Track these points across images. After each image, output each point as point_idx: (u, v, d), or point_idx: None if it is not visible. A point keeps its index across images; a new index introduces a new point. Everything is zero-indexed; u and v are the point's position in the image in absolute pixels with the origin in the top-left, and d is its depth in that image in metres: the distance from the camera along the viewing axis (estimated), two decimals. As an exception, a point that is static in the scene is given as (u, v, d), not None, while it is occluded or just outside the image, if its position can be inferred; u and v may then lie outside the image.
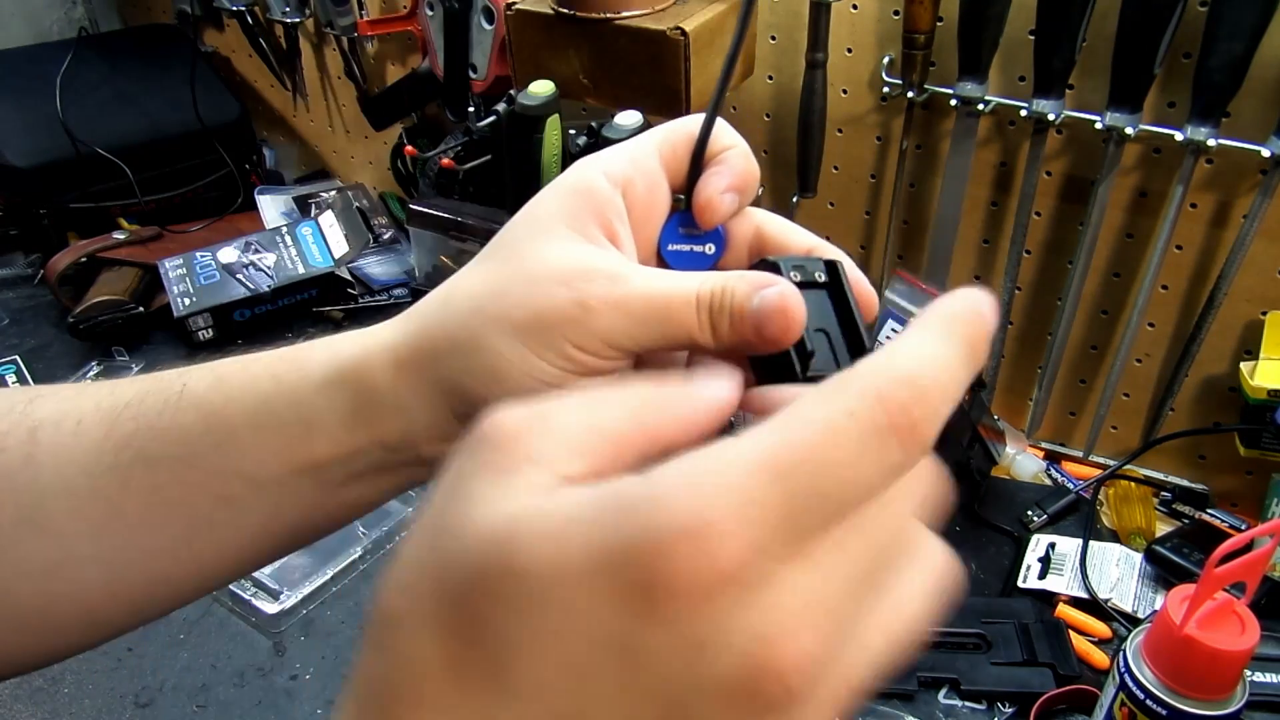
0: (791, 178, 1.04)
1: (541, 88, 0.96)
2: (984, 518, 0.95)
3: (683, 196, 0.34)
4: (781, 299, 0.28)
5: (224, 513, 0.33)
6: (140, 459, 0.33)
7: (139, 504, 0.33)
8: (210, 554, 0.34)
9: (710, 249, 0.35)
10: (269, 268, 1.25)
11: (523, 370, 0.29)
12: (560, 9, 0.92)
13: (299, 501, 0.34)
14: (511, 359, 0.29)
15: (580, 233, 0.31)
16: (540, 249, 0.31)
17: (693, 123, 0.33)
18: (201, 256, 1.25)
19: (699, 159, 0.33)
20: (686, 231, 0.35)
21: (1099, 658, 0.80)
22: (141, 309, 1.23)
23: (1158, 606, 0.80)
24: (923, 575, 0.23)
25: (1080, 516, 0.95)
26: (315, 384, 0.33)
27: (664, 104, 0.93)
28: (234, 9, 1.40)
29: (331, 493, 0.34)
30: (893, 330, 1.00)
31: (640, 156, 0.33)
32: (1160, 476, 0.98)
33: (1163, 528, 0.92)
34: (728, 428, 0.25)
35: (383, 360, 0.32)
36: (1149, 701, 0.60)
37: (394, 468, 0.33)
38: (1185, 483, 0.97)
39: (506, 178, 1.05)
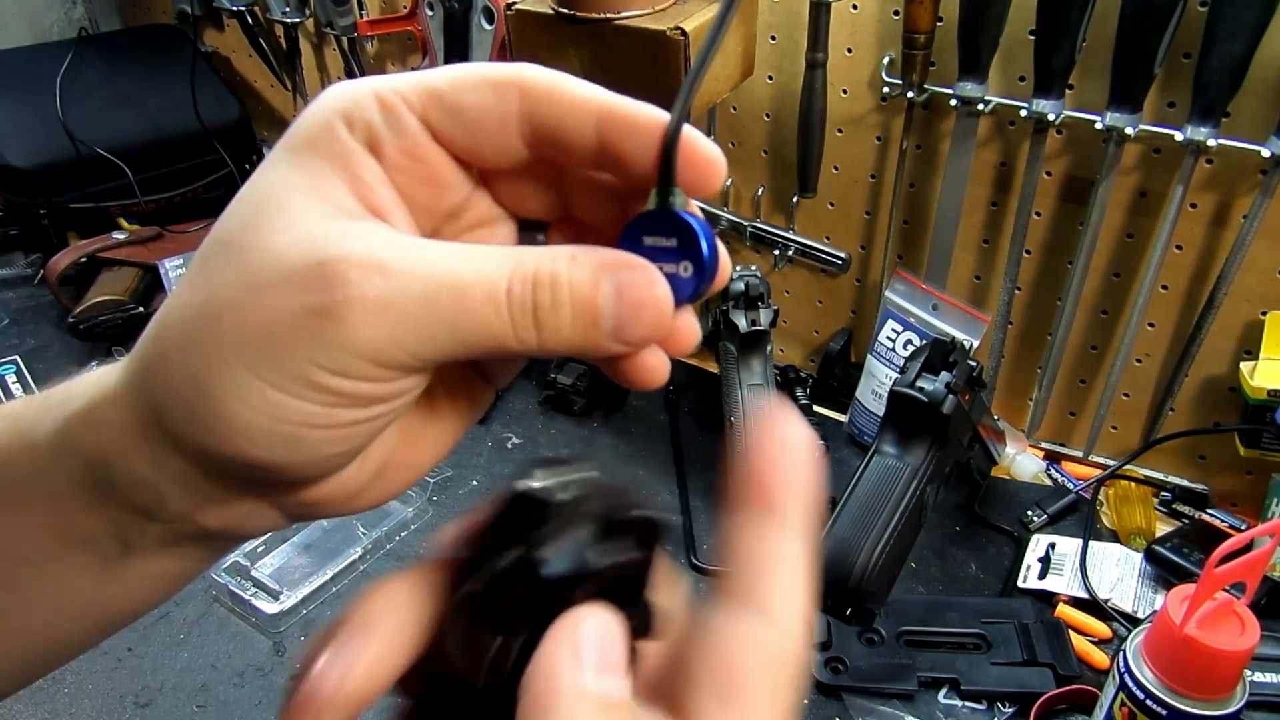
0: (791, 178, 1.04)
1: (541, 88, 0.95)
2: (984, 518, 0.95)
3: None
4: (649, 280, 0.22)
5: (7, 598, 0.27)
6: None
7: None
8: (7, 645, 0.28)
9: (687, 269, 0.24)
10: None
11: (261, 412, 0.23)
12: (560, 9, 0.92)
13: (85, 575, 0.27)
14: (244, 400, 0.23)
15: (324, 200, 0.23)
16: (265, 238, 0.23)
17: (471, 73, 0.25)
18: (201, 256, 1.25)
19: (670, 156, 0.26)
20: (653, 243, 0.25)
21: (1099, 658, 0.80)
22: (141, 309, 1.23)
23: (1158, 606, 0.80)
24: None
25: (1080, 516, 0.95)
26: (49, 448, 0.26)
27: (664, 104, 0.93)
28: (234, 9, 1.40)
29: (120, 567, 0.27)
30: (893, 330, 1.00)
31: (400, 109, 0.25)
32: (1160, 476, 0.98)
33: (1163, 528, 0.92)
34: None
35: (109, 420, 0.25)
36: (1149, 701, 0.60)
37: (182, 542, 0.27)
38: (1185, 483, 0.97)
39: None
